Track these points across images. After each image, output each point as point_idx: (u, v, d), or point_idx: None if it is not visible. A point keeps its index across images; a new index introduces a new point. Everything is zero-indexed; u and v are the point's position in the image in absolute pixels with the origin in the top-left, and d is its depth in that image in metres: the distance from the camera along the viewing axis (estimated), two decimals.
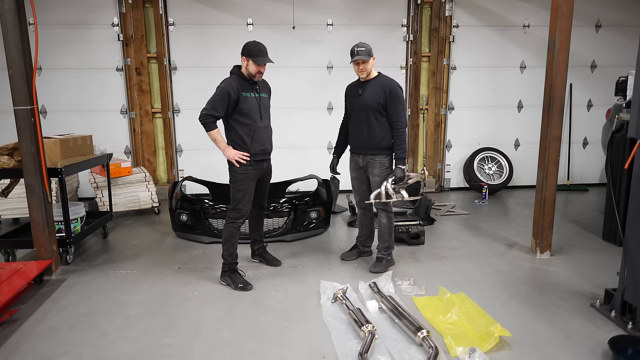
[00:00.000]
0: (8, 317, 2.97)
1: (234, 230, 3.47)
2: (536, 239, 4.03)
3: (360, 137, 3.66)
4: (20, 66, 3.39)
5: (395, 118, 3.55)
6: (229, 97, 3.29)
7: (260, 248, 3.89)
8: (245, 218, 3.51)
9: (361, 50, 3.54)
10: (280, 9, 5.95)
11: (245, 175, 3.42)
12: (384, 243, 3.76)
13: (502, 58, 6.39)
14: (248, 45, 3.33)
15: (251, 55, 3.29)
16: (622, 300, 2.89)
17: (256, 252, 3.88)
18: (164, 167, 6.34)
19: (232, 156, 3.35)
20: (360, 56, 3.51)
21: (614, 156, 4.17)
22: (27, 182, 3.54)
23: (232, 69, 3.48)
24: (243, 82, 3.37)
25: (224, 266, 3.51)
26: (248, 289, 3.39)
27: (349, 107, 3.77)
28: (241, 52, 3.34)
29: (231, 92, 3.29)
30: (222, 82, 3.39)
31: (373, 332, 2.67)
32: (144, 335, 2.82)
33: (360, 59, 3.51)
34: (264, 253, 3.88)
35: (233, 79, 3.38)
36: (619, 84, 4.41)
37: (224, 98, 3.29)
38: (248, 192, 3.45)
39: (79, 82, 5.86)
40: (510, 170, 6.42)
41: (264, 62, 3.30)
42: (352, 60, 3.57)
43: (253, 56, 3.28)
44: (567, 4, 3.61)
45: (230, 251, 3.49)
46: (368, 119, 3.59)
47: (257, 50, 3.29)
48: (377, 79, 3.64)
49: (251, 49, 3.30)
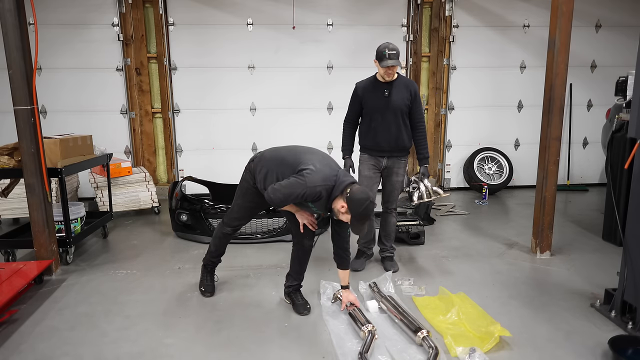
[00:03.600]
0: (8, 317, 2.97)
1: (221, 234, 3.27)
2: (536, 239, 4.03)
3: (388, 139, 3.53)
4: (20, 66, 3.39)
5: (420, 118, 3.55)
6: (302, 201, 2.81)
7: (293, 287, 3.19)
8: (235, 231, 3.28)
9: (393, 54, 3.35)
10: (280, 9, 5.95)
11: (245, 191, 3.10)
12: (391, 242, 3.81)
13: (502, 58, 6.39)
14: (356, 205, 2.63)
15: (354, 216, 2.67)
16: (622, 300, 2.89)
17: (286, 290, 3.22)
18: (164, 167, 6.33)
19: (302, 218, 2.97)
20: (394, 61, 3.33)
21: (614, 156, 4.17)
22: (27, 182, 3.53)
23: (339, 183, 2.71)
24: (323, 203, 2.79)
25: (204, 258, 3.38)
26: (205, 295, 3.28)
27: (370, 108, 3.55)
28: (347, 197, 2.64)
29: (307, 200, 2.76)
30: (315, 179, 2.69)
31: (373, 332, 2.67)
32: (144, 335, 2.82)
33: (393, 64, 3.34)
34: (294, 294, 3.17)
35: (323, 192, 2.70)
36: (619, 84, 4.41)
37: (297, 199, 2.75)
38: (241, 208, 3.16)
39: (79, 82, 5.86)
40: (510, 170, 6.42)
41: (358, 233, 2.84)
42: (384, 65, 3.36)
43: (355, 218, 2.67)
44: (567, 4, 3.61)
45: (214, 248, 3.31)
46: (397, 121, 3.50)
47: (363, 216, 2.66)
48: (400, 80, 3.53)
49: (360, 212, 2.64)
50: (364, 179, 3.65)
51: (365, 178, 3.65)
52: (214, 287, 3.37)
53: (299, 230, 3.01)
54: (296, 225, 3.02)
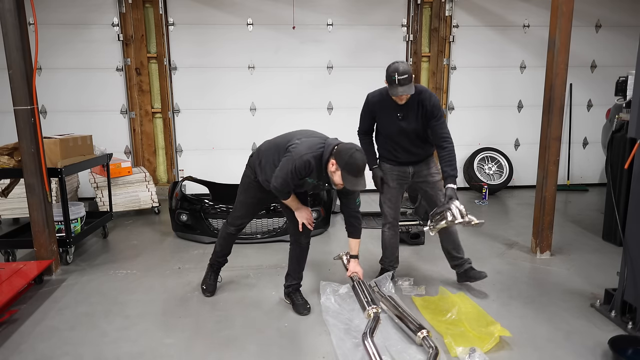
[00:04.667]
0: (8, 317, 2.97)
1: (226, 234, 3.28)
2: (536, 239, 4.03)
3: (408, 157, 3.26)
4: (20, 66, 3.39)
5: (443, 135, 3.10)
6: (298, 179, 2.76)
7: (292, 287, 3.18)
8: (239, 230, 3.26)
9: (404, 79, 2.90)
10: (280, 9, 5.95)
11: (247, 187, 3.10)
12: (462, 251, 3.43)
13: (502, 58, 6.39)
14: (342, 153, 2.63)
15: (344, 169, 2.62)
16: (622, 300, 2.89)
17: (286, 289, 3.20)
18: (164, 167, 6.33)
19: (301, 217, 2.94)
20: (404, 88, 2.92)
21: (614, 156, 4.17)
22: (27, 182, 3.53)
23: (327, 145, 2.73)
24: (319, 171, 2.77)
25: (210, 258, 3.39)
26: (205, 295, 3.30)
27: (384, 129, 3.26)
28: (336, 150, 2.68)
29: (300, 176, 2.74)
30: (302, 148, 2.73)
31: (378, 314, 2.65)
32: (144, 335, 2.82)
33: (404, 92, 2.95)
34: (294, 294, 3.16)
35: (314, 161, 2.70)
36: (619, 84, 4.41)
37: (295, 180, 2.75)
38: (244, 205, 3.15)
39: (79, 82, 5.86)
40: (510, 170, 6.42)
41: (353, 188, 2.70)
42: (394, 95, 2.99)
43: (345, 171, 2.62)
44: (567, 4, 3.61)
45: (218, 248, 3.33)
46: (416, 142, 3.21)
47: (353, 165, 2.60)
48: (414, 97, 3.07)
49: (348, 162, 2.60)
50: (390, 190, 3.34)
51: (390, 189, 3.34)
52: (215, 287, 3.37)
53: (296, 229, 3.02)
54: (294, 223, 3.02)
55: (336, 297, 3.18)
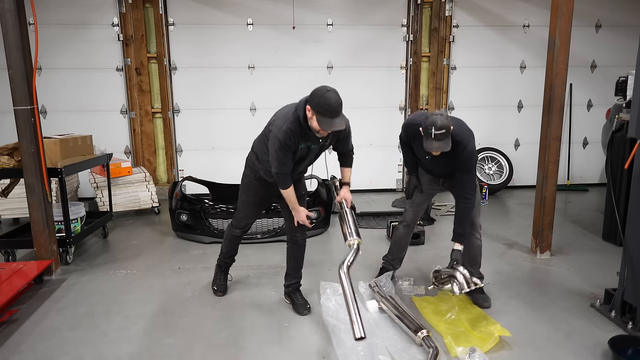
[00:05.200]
0: (8, 317, 2.97)
1: (232, 236, 3.28)
2: (536, 239, 4.03)
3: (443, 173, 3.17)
4: (20, 66, 3.39)
5: (464, 191, 2.95)
6: (290, 150, 2.71)
7: (292, 286, 3.18)
8: (242, 231, 3.23)
9: (441, 134, 2.70)
10: (280, 9, 5.95)
11: (248, 187, 3.07)
12: (477, 268, 3.25)
13: (502, 58, 6.39)
14: (315, 96, 2.57)
15: (318, 112, 2.55)
16: (622, 300, 2.89)
17: (286, 289, 3.21)
18: (164, 167, 6.33)
19: (298, 217, 2.90)
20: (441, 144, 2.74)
21: (614, 156, 4.17)
22: (27, 182, 3.53)
23: (302, 102, 2.70)
24: (303, 133, 2.69)
25: (218, 258, 3.40)
26: (217, 295, 3.29)
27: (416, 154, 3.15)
28: (310, 95, 2.62)
29: (290, 145, 2.68)
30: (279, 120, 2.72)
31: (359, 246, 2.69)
32: (144, 335, 2.82)
33: (439, 149, 2.76)
34: (294, 294, 3.16)
35: (294, 127, 2.65)
36: (619, 84, 4.41)
37: (287, 153, 2.70)
38: (247, 205, 3.11)
39: (79, 82, 5.86)
40: (510, 170, 6.42)
41: (328, 129, 2.58)
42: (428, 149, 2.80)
43: (319, 114, 2.55)
44: (567, 4, 3.61)
45: (226, 249, 3.34)
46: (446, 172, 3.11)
47: (325, 106, 2.53)
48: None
49: (321, 103, 2.53)
50: (417, 196, 3.30)
51: (418, 196, 3.30)
52: (226, 287, 3.37)
53: (292, 226, 3.03)
54: (291, 220, 3.02)
55: (336, 297, 3.18)
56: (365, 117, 6.34)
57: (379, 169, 6.48)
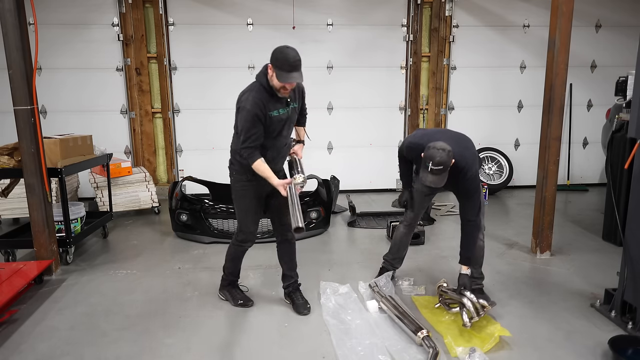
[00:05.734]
0: (8, 317, 2.97)
1: (240, 253, 3.15)
2: (536, 239, 4.03)
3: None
4: (20, 66, 3.39)
5: (467, 215, 2.93)
6: (260, 120, 2.73)
7: (291, 286, 3.17)
8: (252, 241, 3.11)
9: (438, 169, 2.67)
10: (280, 9, 5.95)
11: (244, 192, 3.02)
12: (478, 268, 3.24)
13: (502, 58, 6.39)
14: (275, 52, 2.69)
15: (277, 66, 2.65)
16: (622, 300, 2.89)
17: (285, 290, 3.20)
18: (164, 167, 6.33)
19: (278, 184, 2.80)
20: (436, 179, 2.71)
21: (614, 156, 4.17)
22: (27, 182, 3.53)
23: (261, 71, 2.81)
24: (269, 98, 2.75)
25: (223, 280, 3.26)
26: (249, 305, 3.15)
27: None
28: (270, 56, 2.73)
29: (260, 114, 2.71)
30: (245, 96, 2.78)
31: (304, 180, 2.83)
32: (144, 335, 2.82)
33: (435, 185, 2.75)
34: (294, 294, 3.15)
35: (259, 95, 2.73)
36: (619, 84, 4.41)
37: (257, 123, 2.72)
38: (250, 210, 3.03)
39: (79, 82, 5.86)
40: (510, 170, 6.42)
41: (286, 80, 2.64)
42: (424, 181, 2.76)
43: (278, 68, 2.64)
44: (567, 4, 3.61)
45: (232, 269, 3.21)
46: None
47: (285, 62, 2.63)
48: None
49: (279, 58, 2.65)
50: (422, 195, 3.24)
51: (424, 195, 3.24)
52: (248, 296, 3.23)
53: (279, 225, 3.09)
54: (280, 219, 3.07)
55: (336, 297, 3.19)
56: (365, 117, 6.35)
57: (379, 169, 6.48)
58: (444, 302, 3.03)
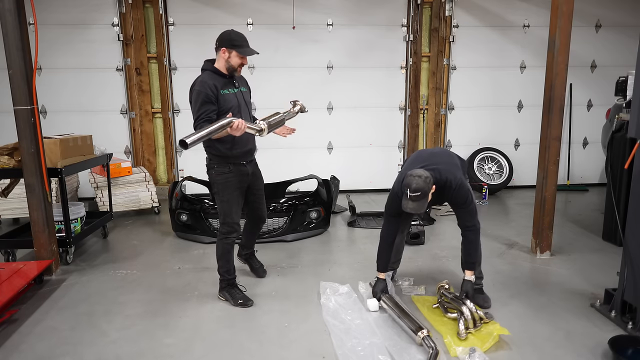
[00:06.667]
0: (8, 317, 2.97)
1: (228, 246, 3.17)
2: (536, 239, 4.03)
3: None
4: (20, 66, 3.39)
5: (466, 223, 2.94)
6: (210, 99, 2.94)
7: (249, 253, 3.67)
8: (238, 232, 3.19)
9: (415, 196, 2.67)
10: (280, 9, 5.95)
11: (226, 184, 3.08)
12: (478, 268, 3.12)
13: (502, 58, 6.39)
14: (231, 35, 2.99)
15: (235, 45, 2.97)
16: (622, 300, 2.89)
17: (244, 255, 3.67)
18: (164, 167, 6.34)
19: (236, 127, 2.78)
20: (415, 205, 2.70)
21: (614, 156, 4.17)
22: (27, 182, 3.54)
23: (203, 64, 3.14)
24: (219, 79, 3.03)
25: (221, 282, 3.25)
26: (249, 305, 3.14)
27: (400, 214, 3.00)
28: (219, 42, 3.01)
29: (209, 93, 2.93)
30: (194, 84, 3.03)
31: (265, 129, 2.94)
32: (144, 335, 2.82)
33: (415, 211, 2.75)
34: (251, 259, 3.66)
35: (207, 77, 3.02)
36: (619, 84, 4.41)
37: (207, 101, 2.92)
38: (234, 202, 3.11)
39: (79, 82, 5.86)
40: (510, 170, 6.42)
41: (250, 53, 3.01)
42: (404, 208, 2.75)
43: (238, 47, 2.97)
44: (567, 4, 3.61)
45: (226, 267, 3.21)
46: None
47: (242, 40, 3.00)
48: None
49: (235, 38, 2.98)
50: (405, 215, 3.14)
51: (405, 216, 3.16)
52: (247, 296, 3.22)
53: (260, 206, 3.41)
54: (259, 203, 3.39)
55: (336, 297, 3.19)
56: (365, 117, 6.35)
57: (379, 169, 6.48)
58: (442, 304, 3.03)
